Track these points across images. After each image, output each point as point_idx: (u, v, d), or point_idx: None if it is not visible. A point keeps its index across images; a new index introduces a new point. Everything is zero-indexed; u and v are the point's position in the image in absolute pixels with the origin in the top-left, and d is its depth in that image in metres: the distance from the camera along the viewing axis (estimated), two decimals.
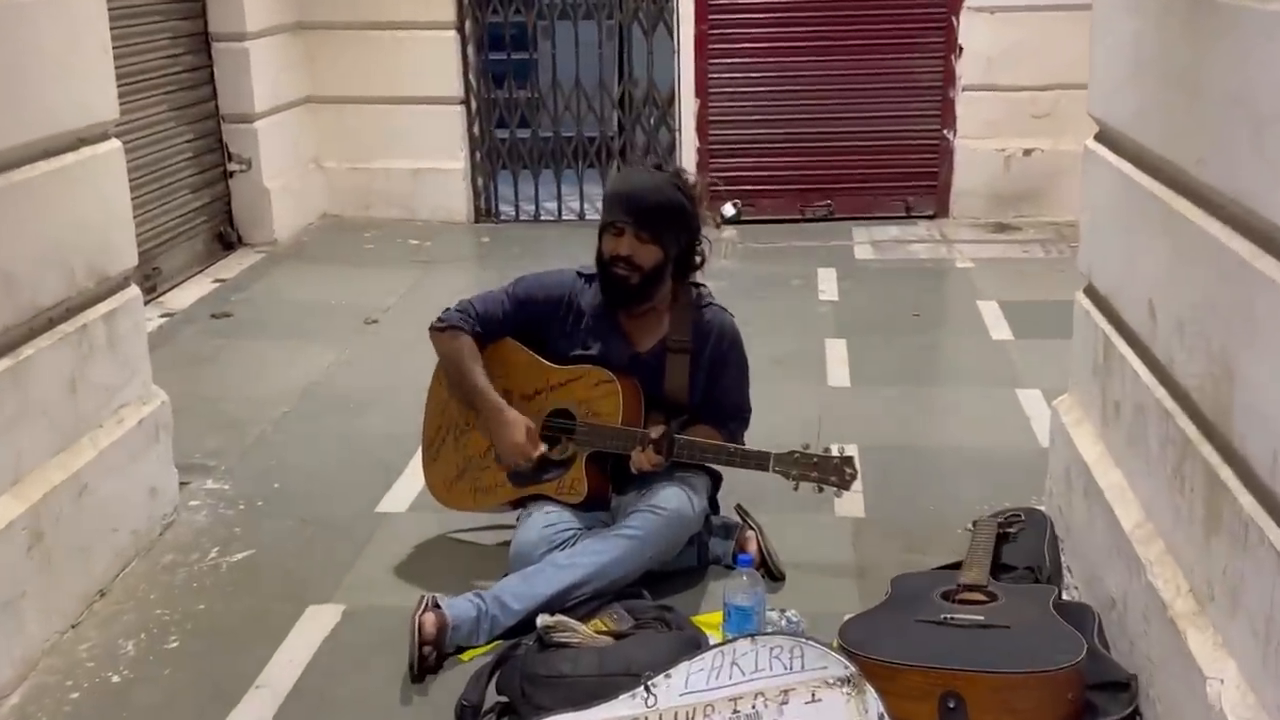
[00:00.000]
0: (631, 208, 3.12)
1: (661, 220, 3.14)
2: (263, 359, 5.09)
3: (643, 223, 3.12)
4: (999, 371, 4.77)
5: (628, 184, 3.19)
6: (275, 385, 4.75)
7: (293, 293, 5.99)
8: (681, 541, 3.18)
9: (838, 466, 3.08)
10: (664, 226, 3.15)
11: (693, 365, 3.24)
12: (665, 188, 3.15)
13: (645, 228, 3.12)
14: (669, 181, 3.16)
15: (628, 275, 3.15)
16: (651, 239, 3.14)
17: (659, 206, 3.13)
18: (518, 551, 3.12)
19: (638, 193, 3.13)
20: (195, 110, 6.32)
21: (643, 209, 3.12)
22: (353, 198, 7.22)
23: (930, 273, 6.16)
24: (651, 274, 3.17)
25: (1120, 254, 2.90)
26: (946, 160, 6.96)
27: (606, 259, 3.17)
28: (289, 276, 6.25)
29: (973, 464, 3.97)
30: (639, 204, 3.12)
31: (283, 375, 4.85)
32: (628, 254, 3.14)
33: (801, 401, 4.44)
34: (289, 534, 3.60)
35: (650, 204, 3.12)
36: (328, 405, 4.57)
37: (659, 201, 3.13)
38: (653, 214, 3.13)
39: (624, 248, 3.14)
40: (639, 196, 3.13)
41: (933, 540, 3.41)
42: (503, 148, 7.26)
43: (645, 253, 3.15)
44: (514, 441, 3.18)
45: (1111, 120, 2.99)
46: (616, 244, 3.15)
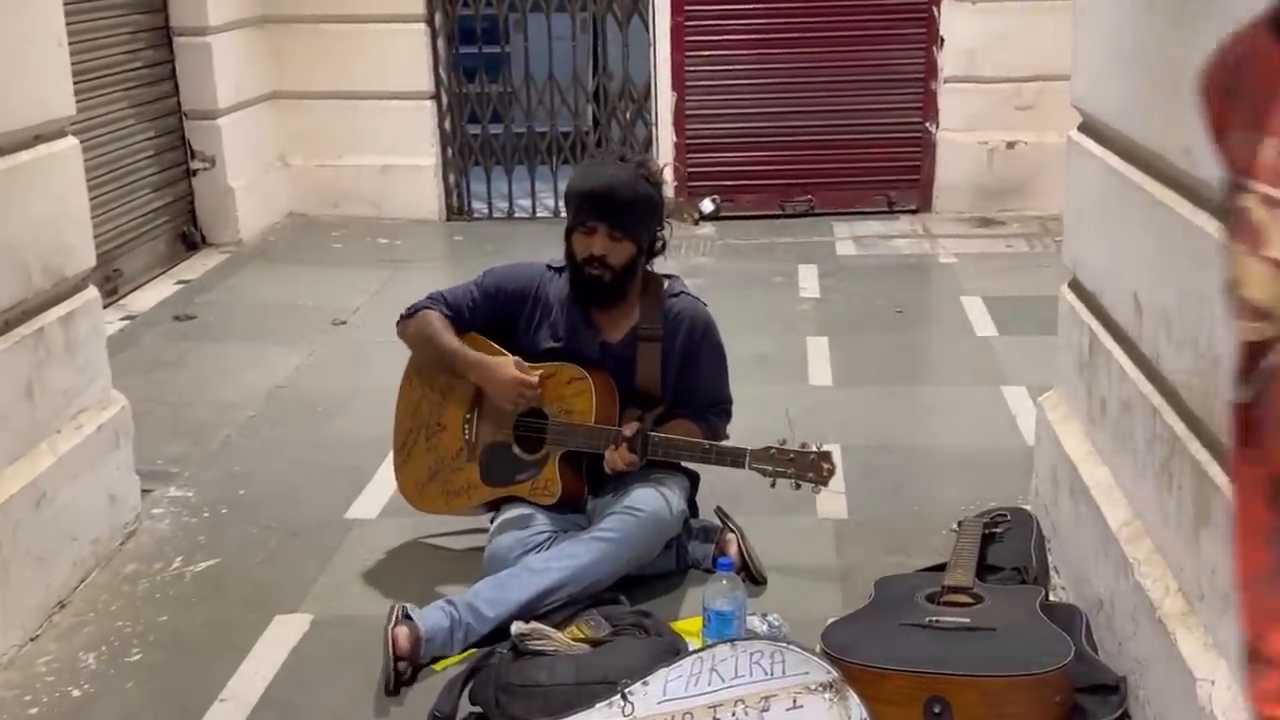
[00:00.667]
0: (603, 207, 3.10)
1: (633, 215, 3.13)
2: (227, 362, 5.06)
3: (616, 221, 3.11)
4: (983, 369, 4.78)
5: (595, 180, 3.15)
6: (240, 389, 4.72)
7: (258, 294, 5.96)
8: (659, 544, 3.17)
9: (815, 462, 3.07)
10: (636, 221, 3.14)
11: (664, 354, 3.22)
12: (635, 182, 3.13)
13: (619, 226, 3.11)
14: (636, 174, 3.14)
15: (601, 275, 3.14)
16: (625, 236, 3.13)
17: (631, 203, 3.11)
18: (492, 555, 3.11)
19: (608, 190, 3.11)
20: (156, 106, 6.28)
21: (615, 207, 3.10)
22: (320, 196, 7.19)
23: (913, 268, 6.17)
24: (625, 270, 3.16)
25: (1105, 248, 2.90)
26: (929, 154, 6.97)
27: (579, 259, 3.16)
28: (254, 277, 6.21)
29: (957, 463, 3.97)
30: (610, 202, 3.10)
31: (248, 378, 4.83)
32: (601, 254, 3.12)
33: (783, 401, 4.43)
34: (255, 542, 3.58)
35: (622, 201, 3.10)
36: (295, 409, 4.55)
37: (630, 198, 3.11)
38: (624, 210, 3.11)
39: (598, 247, 3.12)
40: (609, 194, 3.10)
41: (917, 541, 3.42)
42: (475, 143, 7.24)
43: (619, 250, 3.14)
44: (510, 377, 3.15)
45: (1095, 111, 3.00)
46: (589, 244, 3.13)
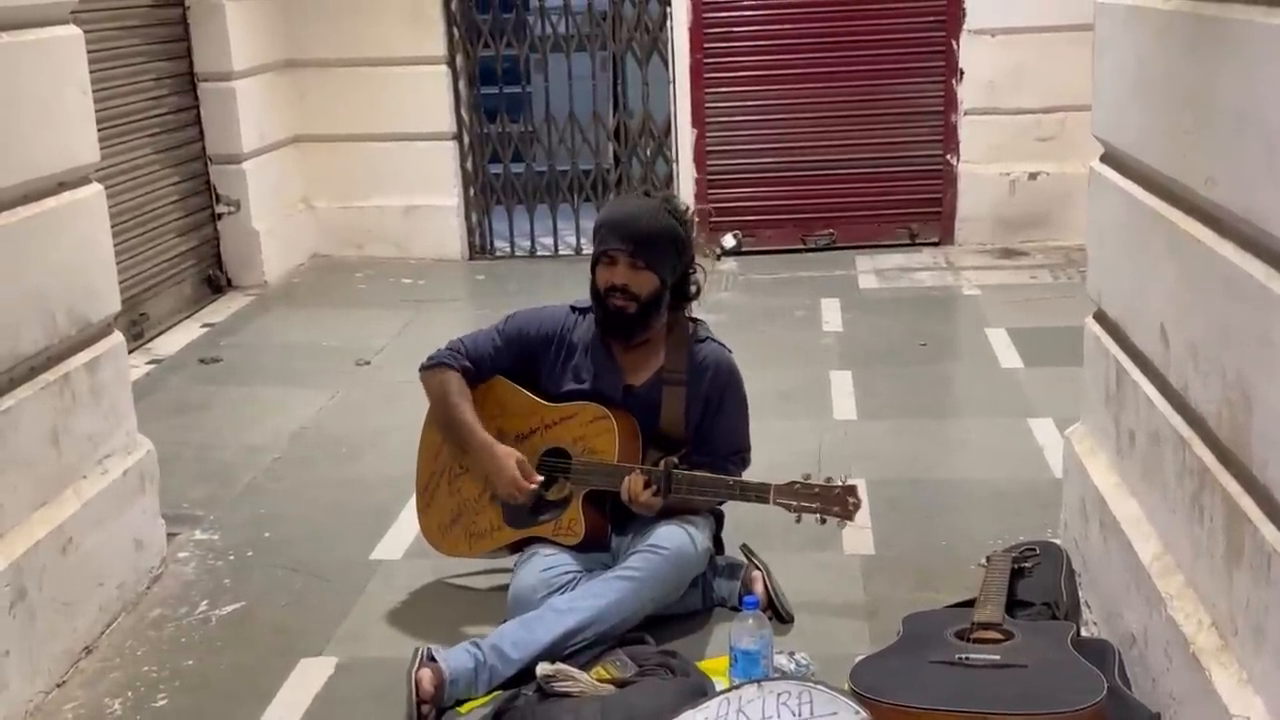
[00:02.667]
0: (624, 235, 3.12)
1: (655, 246, 3.13)
2: (252, 404, 5.08)
3: (637, 250, 3.12)
4: (1009, 401, 4.76)
5: (618, 212, 3.19)
6: (265, 431, 4.74)
7: (283, 335, 5.99)
8: (684, 582, 3.15)
9: (840, 496, 3.05)
10: (658, 252, 3.14)
11: (688, 399, 3.22)
12: (656, 213, 3.15)
13: (639, 255, 3.12)
14: (660, 207, 3.17)
15: (625, 305, 3.15)
16: (646, 265, 3.13)
17: (651, 232, 3.13)
18: (516, 596, 3.10)
19: (629, 219, 3.13)
20: (181, 152, 6.33)
21: (635, 236, 3.11)
22: (344, 237, 7.24)
23: (936, 301, 6.15)
24: (649, 303, 3.16)
25: (1130, 278, 2.88)
26: (950, 186, 6.96)
27: (602, 290, 3.17)
28: (279, 319, 6.24)
29: (985, 497, 3.95)
30: (631, 231, 3.12)
31: (273, 420, 4.84)
32: (623, 283, 3.13)
33: (806, 436, 4.42)
34: (280, 585, 3.57)
35: (643, 230, 3.12)
36: (319, 450, 4.55)
37: (651, 227, 3.13)
38: (646, 240, 3.12)
39: (619, 277, 3.13)
40: (630, 223, 3.12)
41: (945, 577, 3.39)
42: (496, 183, 7.27)
43: (641, 280, 3.14)
44: (508, 477, 3.17)
45: (1116, 141, 2.99)
46: (611, 273, 3.14)
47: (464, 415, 3.24)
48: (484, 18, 7.01)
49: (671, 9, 6.85)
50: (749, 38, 6.89)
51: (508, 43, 7.05)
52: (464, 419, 3.23)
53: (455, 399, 3.25)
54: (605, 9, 7.01)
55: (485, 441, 3.21)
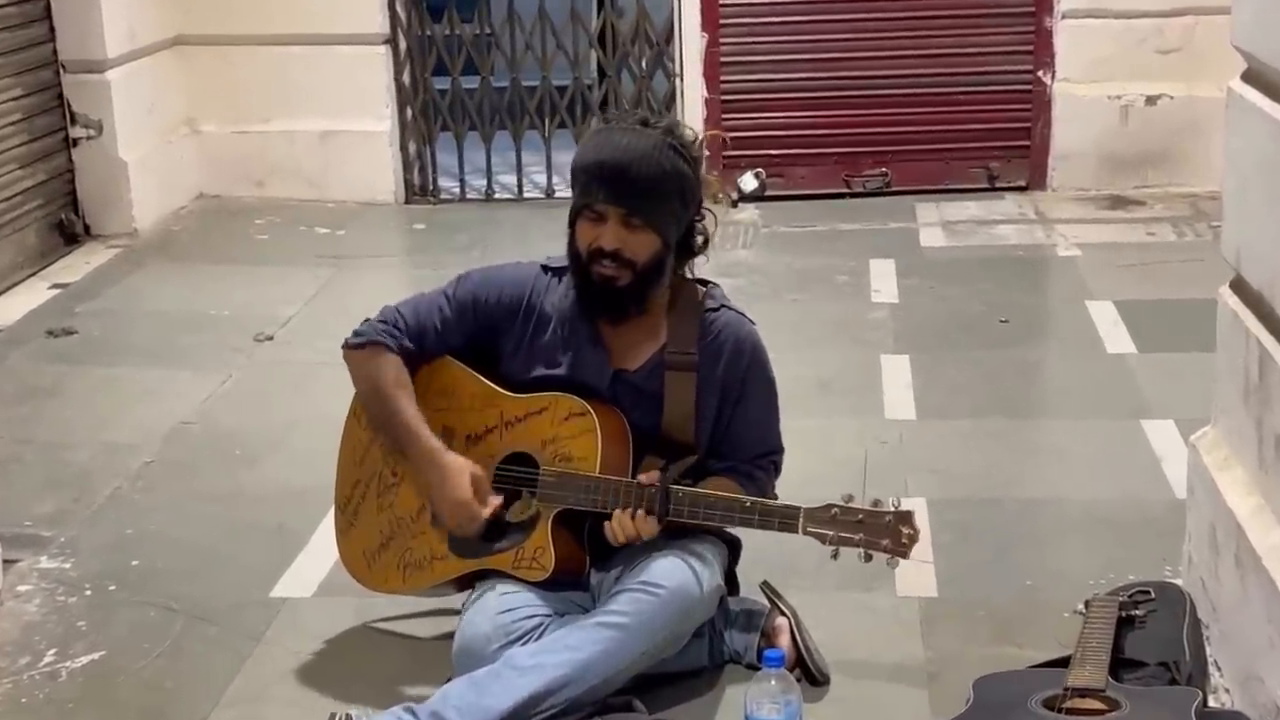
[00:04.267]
0: (616, 185, 3.11)
1: (656, 197, 3.13)
2: (117, 391, 5.07)
3: (633, 205, 3.11)
4: (1117, 397, 4.76)
5: (607, 151, 3.15)
6: (134, 426, 4.73)
7: (159, 301, 5.98)
8: (687, 631, 3.15)
9: (891, 525, 3.04)
10: (660, 206, 3.14)
11: (700, 386, 3.22)
12: (658, 153, 3.12)
13: (637, 211, 3.11)
14: (662, 143, 3.13)
15: (615, 275, 3.14)
16: (646, 224, 3.13)
17: (652, 180, 3.11)
18: (464, 647, 3.10)
19: (622, 163, 3.11)
20: (25, 56, 6.31)
21: (632, 186, 3.10)
22: (239, 172, 7.23)
23: (1022, 264, 6.16)
24: (647, 270, 3.16)
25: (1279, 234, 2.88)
26: (1042, 113, 6.96)
27: (584, 254, 3.16)
28: (153, 279, 6.23)
29: (1083, 523, 3.96)
30: (625, 179, 3.10)
31: (145, 412, 4.83)
32: (614, 247, 3.12)
33: (849, 441, 4.42)
34: (153, 629, 3.56)
35: (641, 177, 3.10)
36: (205, 452, 4.56)
37: (652, 173, 3.11)
38: (646, 191, 3.11)
39: (609, 239, 3.12)
40: (624, 168, 3.11)
41: (1030, 627, 3.40)
42: (443, 102, 7.27)
43: (638, 243, 3.13)
44: (455, 498, 3.15)
45: (1265, 54, 2.98)
46: (597, 233, 3.14)
47: (403, 412, 3.22)
48: None
49: None
50: None
51: None
52: (402, 418, 3.22)
53: (391, 390, 3.24)
54: None
55: (429, 449, 3.20)
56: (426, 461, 3.20)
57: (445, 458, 3.19)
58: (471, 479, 3.16)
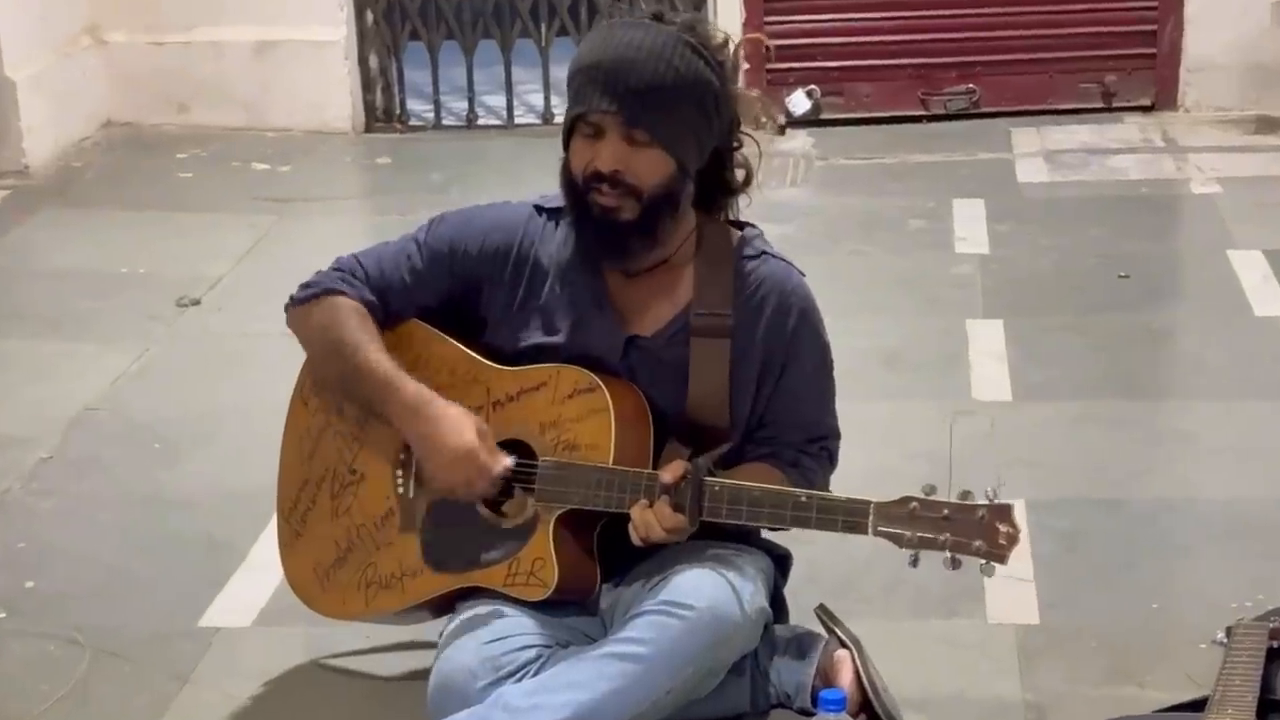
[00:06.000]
0: (617, 87, 3.12)
1: (667, 104, 3.14)
2: (7, 370, 5.11)
3: (636, 111, 3.12)
4: (1269, 372, 4.79)
5: (608, 49, 3.17)
6: (27, 414, 4.77)
7: (57, 257, 6.03)
8: (723, 665, 3.16)
9: (986, 522, 3.02)
10: (672, 115, 3.15)
11: (735, 356, 3.24)
12: (672, 51, 3.13)
13: (641, 120, 3.12)
14: (676, 39, 3.14)
15: (617, 205, 3.15)
16: (653, 138, 3.14)
17: (662, 82, 3.12)
18: (444, 685, 3.12)
19: (624, 61, 3.12)
20: None
21: (634, 87, 3.11)
22: (157, 93, 7.28)
23: (1147, 204, 6.19)
24: (657, 201, 3.17)
25: None
26: (1172, 11, 6.97)
27: (580, 179, 3.18)
28: (50, 229, 6.28)
29: (1225, 529, 3.98)
30: (627, 80, 3.11)
31: (39, 396, 4.88)
32: (613, 168, 3.14)
33: (928, 426, 4.46)
34: (52, 667, 3.59)
35: (646, 78, 3.11)
36: (117, 445, 4.60)
37: (662, 74, 3.12)
38: (652, 94, 3.12)
39: (607, 157, 3.14)
40: (626, 67, 3.12)
41: (1156, 661, 3.42)
42: (411, 5, 7.29)
43: (643, 163, 3.14)
44: (457, 446, 3.13)
45: None
46: (594, 151, 3.15)
47: (372, 362, 3.22)
48: None
49: None
50: None
51: None
52: (376, 365, 3.21)
53: (356, 336, 3.24)
54: None
55: (415, 398, 3.19)
56: (413, 413, 3.19)
57: (437, 405, 3.18)
58: (476, 430, 3.15)
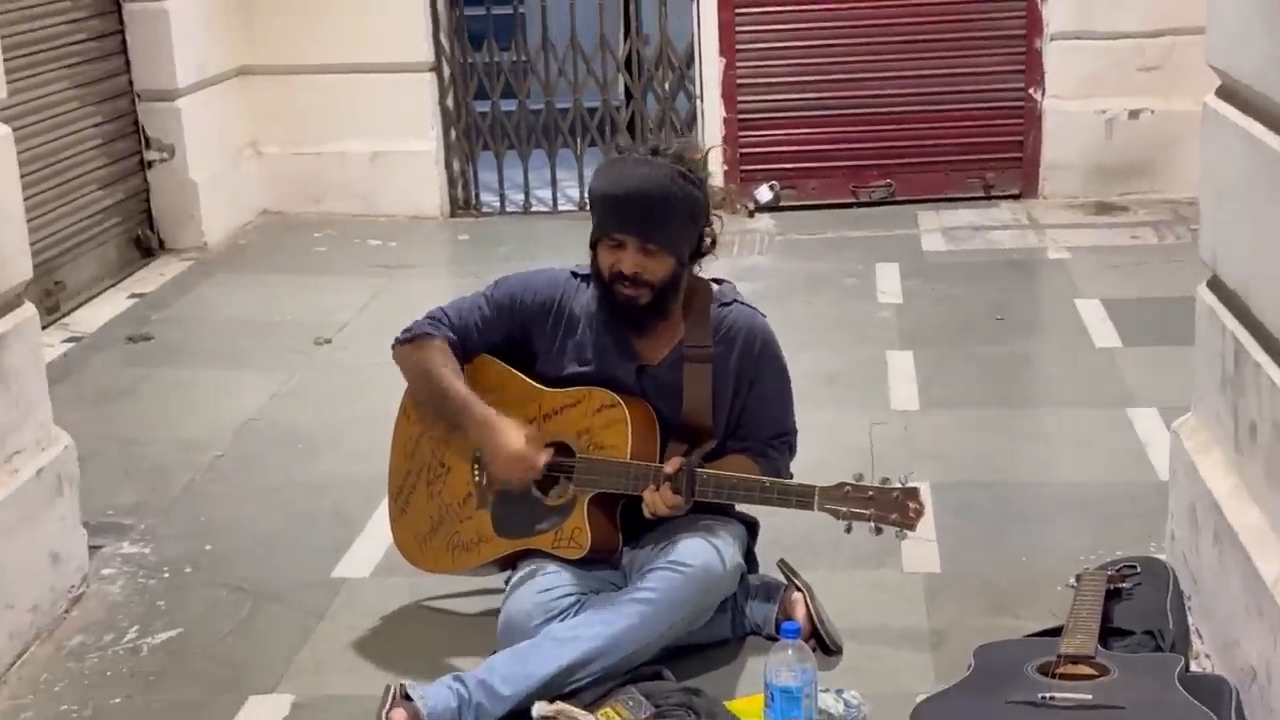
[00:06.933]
0: (632, 217, 3.11)
1: (672, 224, 3.13)
2: (190, 391, 5.09)
3: (649, 233, 3.11)
4: (1104, 387, 4.75)
5: (621, 184, 3.14)
6: (206, 423, 4.75)
7: (227, 309, 6.01)
8: (711, 606, 3.16)
9: (899, 500, 3.05)
10: (674, 231, 3.14)
11: (716, 377, 3.23)
12: (670, 184, 3.11)
13: (652, 238, 3.11)
14: (672, 174, 3.11)
15: (635, 295, 3.16)
16: (661, 249, 3.13)
17: (667, 209, 3.11)
18: (508, 622, 3.12)
19: (637, 196, 3.10)
20: (104, 87, 6.34)
21: (648, 217, 3.11)
22: (299, 190, 7.26)
23: (1016, 266, 6.14)
24: (665, 287, 3.17)
25: (1252, 237, 2.87)
26: (1033, 127, 6.94)
27: (606, 275, 3.18)
28: (222, 289, 6.26)
29: (1073, 503, 3.95)
30: (642, 211, 3.11)
31: (215, 410, 4.86)
32: (633, 271, 3.13)
33: (857, 430, 4.42)
34: (224, 607, 3.59)
35: (655, 209, 3.11)
36: (271, 446, 4.57)
37: (665, 205, 3.11)
38: (661, 220, 3.12)
39: (628, 264, 3.13)
40: (640, 201, 3.10)
41: (1026, 600, 3.40)
42: (483, 124, 7.28)
43: (654, 266, 3.14)
44: (513, 450, 3.17)
45: (1236, 71, 2.97)
46: (617, 259, 3.14)
47: (455, 386, 3.24)
48: None
49: None
50: None
51: None
52: (455, 390, 3.24)
53: (440, 370, 3.25)
54: None
55: (485, 415, 3.21)
56: (482, 425, 3.22)
57: (500, 419, 3.21)
58: (526, 437, 3.18)
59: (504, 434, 3.19)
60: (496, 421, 3.20)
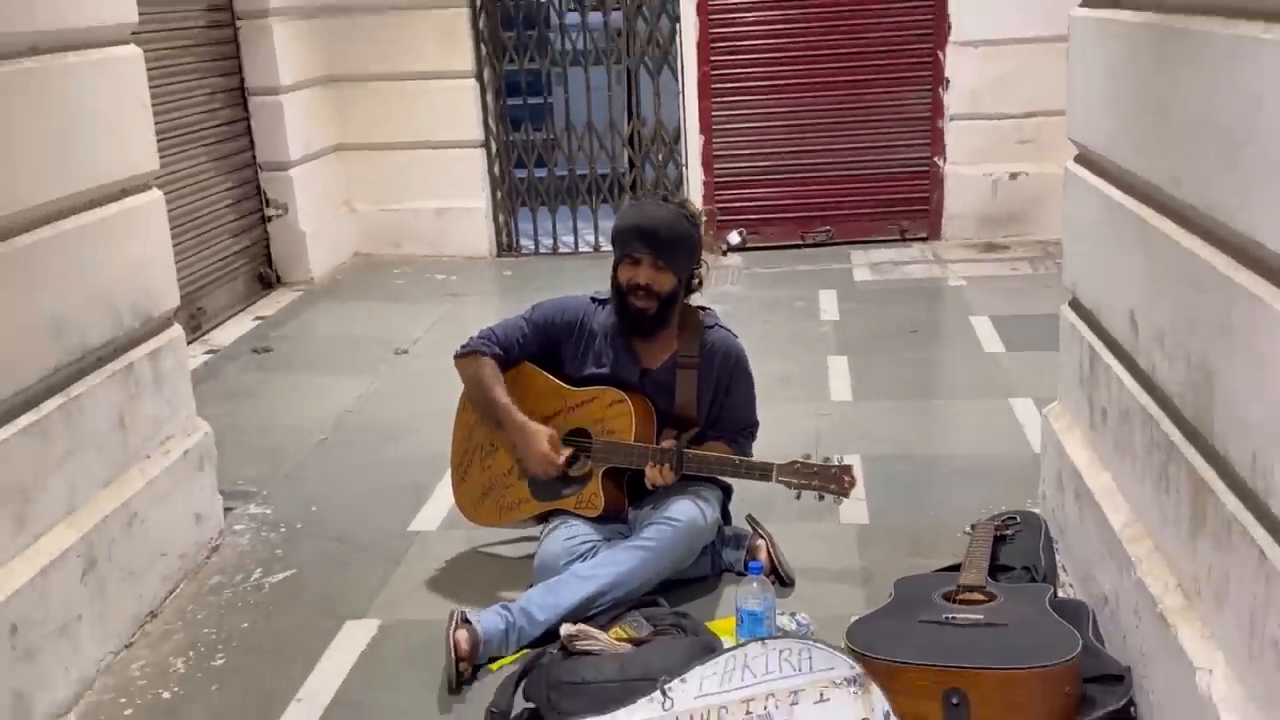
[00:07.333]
0: (648, 239, 3.13)
1: (675, 249, 3.15)
2: (300, 390, 5.10)
3: (660, 252, 3.12)
4: (993, 383, 4.75)
5: (641, 218, 3.18)
6: (311, 415, 4.75)
7: (328, 328, 6.02)
8: (695, 551, 3.16)
9: (837, 475, 3.06)
10: (677, 254, 3.16)
11: (700, 381, 3.23)
12: (676, 219, 3.16)
13: (662, 256, 3.13)
14: (678, 214, 3.18)
15: (646, 307, 3.16)
16: (667, 266, 3.14)
17: (672, 237, 3.14)
18: (541, 563, 3.12)
19: (653, 224, 3.14)
20: (234, 160, 6.36)
21: (659, 239, 3.13)
22: (383, 237, 7.25)
23: (925, 291, 6.14)
24: (667, 300, 3.17)
25: (1102, 269, 2.87)
26: (938, 186, 6.94)
27: (625, 288, 3.17)
28: (324, 312, 6.27)
29: (970, 471, 3.94)
30: (655, 235, 3.13)
31: (318, 405, 4.86)
32: (646, 282, 3.14)
33: (806, 417, 4.42)
34: (326, 554, 3.60)
35: (664, 235, 3.13)
36: (361, 432, 4.57)
37: (673, 232, 3.14)
38: (668, 244, 3.13)
39: (643, 276, 3.14)
40: (654, 229, 3.13)
41: (934, 544, 3.39)
42: (521, 186, 7.28)
43: (662, 280, 3.15)
44: (540, 451, 3.18)
45: (1090, 143, 2.98)
46: (635, 273, 3.15)
47: (500, 397, 3.25)
48: (509, 34, 7.02)
49: (681, 26, 6.85)
50: (752, 51, 6.87)
51: (530, 58, 7.04)
52: (501, 400, 3.25)
53: (490, 382, 3.26)
54: (620, 26, 7.02)
55: (521, 421, 3.22)
56: (518, 430, 3.22)
57: (531, 426, 3.21)
58: (549, 440, 3.19)
59: (533, 439, 3.19)
60: (528, 427, 3.20)
